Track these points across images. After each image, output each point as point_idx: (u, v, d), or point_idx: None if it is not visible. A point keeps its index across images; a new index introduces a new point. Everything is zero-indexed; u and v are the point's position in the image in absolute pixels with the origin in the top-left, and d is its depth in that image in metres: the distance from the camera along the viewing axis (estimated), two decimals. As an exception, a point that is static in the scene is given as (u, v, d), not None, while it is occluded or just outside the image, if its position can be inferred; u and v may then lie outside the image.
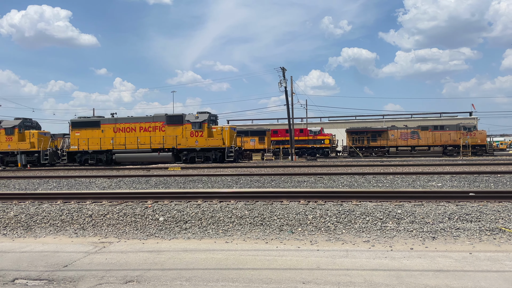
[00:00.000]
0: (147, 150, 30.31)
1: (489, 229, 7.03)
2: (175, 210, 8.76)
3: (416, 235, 6.91)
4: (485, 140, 37.96)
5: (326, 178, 15.02)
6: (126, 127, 31.16)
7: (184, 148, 30.03)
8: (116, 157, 30.82)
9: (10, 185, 16.16)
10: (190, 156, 29.98)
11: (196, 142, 29.76)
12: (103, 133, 31.40)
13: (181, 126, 30.12)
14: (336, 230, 7.37)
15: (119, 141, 30.99)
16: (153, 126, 30.64)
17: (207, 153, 29.78)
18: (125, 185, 15.28)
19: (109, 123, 31.66)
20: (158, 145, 30.26)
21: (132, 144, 30.70)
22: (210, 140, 29.76)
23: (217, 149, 29.66)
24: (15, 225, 8.68)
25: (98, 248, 6.74)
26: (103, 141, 31.20)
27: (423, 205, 8.39)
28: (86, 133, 31.64)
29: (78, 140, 31.62)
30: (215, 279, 4.94)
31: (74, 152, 31.85)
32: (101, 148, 31.26)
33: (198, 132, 29.80)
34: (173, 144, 30.05)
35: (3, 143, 32.65)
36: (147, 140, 30.45)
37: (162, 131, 30.43)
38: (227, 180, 15.31)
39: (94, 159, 31.34)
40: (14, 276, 5.27)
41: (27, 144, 32.28)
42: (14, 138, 32.46)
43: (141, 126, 30.83)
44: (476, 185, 12.71)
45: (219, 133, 29.74)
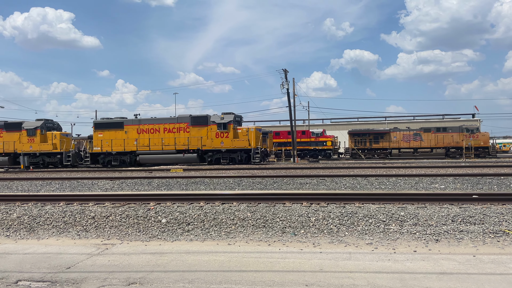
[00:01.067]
0: (172, 152, 30.02)
1: (493, 231, 7.00)
2: (177, 212, 8.76)
3: (420, 238, 6.88)
4: (488, 142, 37.84)
5: (328, 180, 14.99)
6: (150, 128, 30.89)
7: (209, 149, 29.72)
8: (140, 158, 30.54)
9: (13, 187, 16.20)
10: (215, 157, 29.72)
11: (222, 143, 29.46)
12: (127, 134, 31.14)
13: (206, 127, 29.84)
14: (339, 232, 7.36)
15: (143, 142, 30.75)
16: (177, 127, 30.38)
17: (232, 154, 29.50)
18: (128, 187, 15.29)
19: (133, 124, 31.34)
20: (182, 146, 29.98)
21: (156, 146, 30.42)
22: (236, 141, 29.47)
23: (242, 150, 29.40)
24: (18, 226, 8.70)
25: (100, 250, 6.75)
26: (127, 142, 30.96)
27: (426, 207, 8.36)
28: (109, 134, 31.37)
29: (102, 142, 31.38)
30: (218, 281, 4.93)
31: (97, 153, 31.62)
32: (124, 149, 30.96)
33: (223, 133, 29.52)
34: (198, 145, 29.76)
35: (24, 145, 32.28)
36: (171, 141, 30.15)
37: (186, 132, 30.14)
38: (229, 182, 15.30)
39: (117, 160, 31.14)
40: (17, 278, 5.28)
41: (49, 145, 32.02)
42: (36, 140, 32.17)
43: (165, 127, 30.59)
44: (480, 187, 12.66)
45: (245, 134, 29.47)
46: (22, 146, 32.24)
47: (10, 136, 32.61)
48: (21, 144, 32.30)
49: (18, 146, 32.28)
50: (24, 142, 32.27)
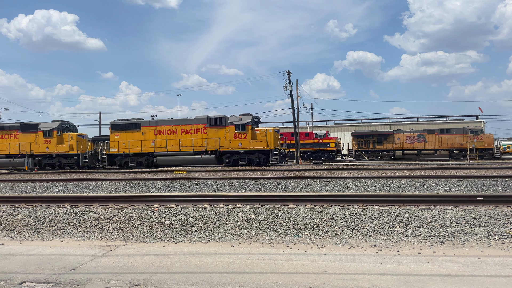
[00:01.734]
0: (190, 153, 29.87)
1: (498, 233, 6.97)
2: (181, 213, 8.77)
3: (424, 240, 6.86)
4: (492, 143, 37.70)
5: (332, 182, 14.97)
6: (167, 129, 30.73)
7: (227, 151, 29.50)
8: (158, 159, 30.38)
9: (17, 188, 16.28)
10: (233, 158, 29.56)
11: (240, 144, 29.27)
12: (144, 135, 30.92)
13: (224, 128, 29.65)
14: (342, 234, 7.34)
15: (160, 143, 30.61)
16: (194, 128, 30.19)
17: (250, 156, 29.25)
18: (132, 188, 15.33)
19: (150, 125, 31.15)
20: (200, 147, 29.82)
21: (174, 147, 30.24)
22: (254, 142, 29.18)
23: (261, 152, 29.21)
24: (22, 228, 8.74)
25: (105, 251, 6.76)
26: (144, 143, 30.76)
27: (430, 209, 8.33)
28: (126, 136, 31.16)
29: (119, 143, 31.12)
30: (222, 283, 4.93)
31: (114, 154, 31.50)
32: (142, 150, 30.79)
33: (241, 134, 29.28)
34: (216, 146, 29.55)
35: (41, 146, 31.91)
36: (188, 142, 30.01)
37: (204, 133, 29.91)
38: (233, 184, 15.30)
39: (134, 162, 31.01)
40: (21, 279, 5.30)
41: (65, 147, 31.67)
42: (53, 141, 31.80)
43: (182, 128, 30.42)
44: (484, 189, 12.60)
45: (263, 135, 29.18)
46: (39, 147, 31.92)
47: (26, 138, 32.22)
48: (37, 145, 31.97)
49: (34, 147, 31.93)
50: (40, 144, 31.94)
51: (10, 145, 32.40)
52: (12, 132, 32.75)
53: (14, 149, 32.26)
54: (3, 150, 32.52)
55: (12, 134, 32.68)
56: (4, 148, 32.55)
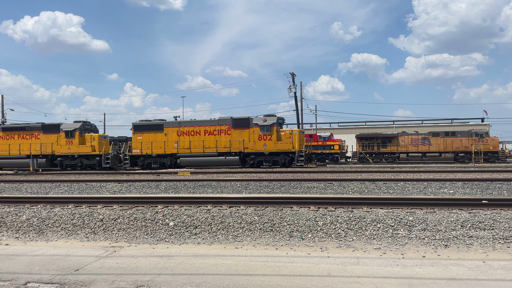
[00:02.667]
0: (213, 154, 29.72)
1: (503, 237, 6.92)
2: (185, 215, 8.78)
3: (428, 243, 6.83)
4: (498, 146, 37.46)
5: (336, 184, 14.94)
6: (190, 130, 30.61)
7: (252, 152, 29.32)
8: (181, 161, 30.25)
9: (22, 189, 16.36)
10: (258, 160, 29.35)
11: (265, 146, 29.03)
12: (166, 136, 30.85)
13: (248, 130, 29.44)
14: (346, 237, 7.32)
15: (183, 144, 30.47)
16: (218, 129, 30.00)
17: (275, 157, 29.06)
18: (135, 189, 15.37)
19: (173, 126, 31.09)
20: (223, 148, 29.65)
21: (197, 148, 30.16)
22: (279, 144, 28.92)
23: (286, 153, 28.95)
24: (27, 228, 8.78)
25: (109, 252, 6.78)
26: (167, 144, 30.66)
27: (435, 212, 8.30)
28: (148, 137, 31.08)
29: (141, 144, 31.07)
30: (225, 285, 4.93)
31: (136, 155, 31.39)
32: (165, 152, 30.68)
33: (266, 136, 29.01)
34: (240, 147, 29.40)
35: (63, 147, 31.78)
36: (212, 143, 29.86)
37: (227, 134, 29.78)
38: (237, 186, 15.31)
39: (157, 163, 30.88)
40: (26, 280, 5.33)
41: (88, 147, 31.54)
42: (75, 142, 31.65)
43: (205, 129, 30.26)
44: (489, 192, 12.53)
45: (288, 137, 28.98)
46: (60, 148, 31.75)
47: (48, 138, 32.15)
48: (59, 146, 31.83)
49: (56, 148, 31.88)
50: (62, 144, 31.74)
51: (32, 145, 32.25)
52: (33, 132, 32.60)
53: (35, 149, 32.12)
54: (24, 151, 32.39)
55: (33, 134, 32.55)
56: (25, 149, 32.42)
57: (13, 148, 32.66)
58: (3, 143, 33.07)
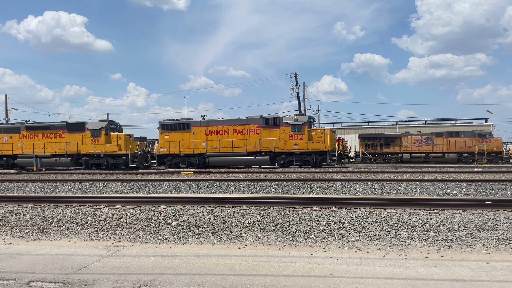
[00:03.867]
0: (243, 154, 29.17)
1: (506, 238, 6.90)
2: (188, 215, 8.79)
3: (431, 244, 6.81)
4: (501, 147, 37.29)
5: (339, 185, 14.92)
6: (218, 129, 30.06)
7: (282, 152, 28.69)
8: (210, 160, 29.75)
9: (26, 188, 16.43)
10: (288, 160, 28.72)
11: (296, 145, 28.37)
12: (194, 135, 30.31)
13: (278, 129, 28.81)
14: (349, 237, 7.31)
15: (212, 144, 29.95)
16: (247, 128, 29.44)
17: (306, 157, 28.37)
18: (139, 189, 15.41)
19: (201, 125, 30.50)
20: (253, 148, 29.03)
21: (225, 147, 29.59)
22: (311, 143, 28.24)
23: (317, 153, 28.41)
24: (31, 228, 8.82)
25: (112, 251, 6.80)
26: (195, 144, 30.12)
27: (438, 213, 8.28)
28: (176, 136, 30.56)
29: (169, 143, 30.48)
30: (228, 284, 4.93)
31: (164, 155, 30.84)
32: (193, 151, 30.12)
33: (297, 135, 28.36)
34: (270, 147, 28.80)
35: (88, 146, 31.08)
36: (241, 143, 29.30)
37: (257, 133, 29.19)
38: (239, 186, 15.32)
39: (185, 162, 30.29)
40: (29, 279, 5.35)
41: (114, 146, 30.81)
42: (101, 141, 30.95)
43: (234, 128, 29.69)
44: (493, 193, 12.49)
45: (319, 136, 28.26)
46: (86, 147, 31.08)
47: (72, 137, 31.49)
48: (84, 145, 31.17)
49: (81, 147, 31.22)
50: (87, 143, 31.07)
51: (56, 144, 31.77)
52: (58, 131, 32.13)
53: (60, 148, 31.66)
54: (48, 150, 31.91)
55: (57, 133, 32.09)
56: (49, 148, 31.90)
57: (37, 147, 32.19)
58: (27, 142, 32.61)
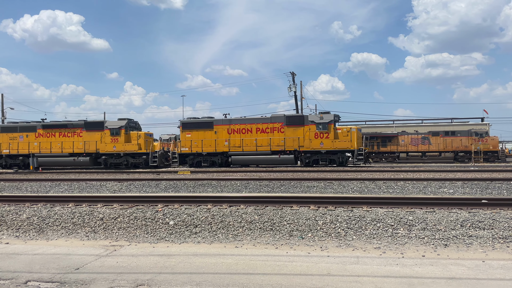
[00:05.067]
0: (267, 152, 28.81)
1: (502, 237, 6.94)
2: (185, 214, 8.79)
3: (428, 242, 6.84)
4: (497, 146, 37.46)
5: (336, 184, 14.95)
6: (241, 128, 29.69)
7: (307, 151, 28.39)
8: (233, 159, 29.44)
9: (22, 188, 16.37)
10: (313, 158, 28.48)
11: (321, 144, 28.03)
12: (216, 134, 29.96)
13: (302, 127, 28.49)
14: (346, 236, 7.33)
15: (234, 142, 29.61)
16: (271, 127, 29.07)
17: (332, 156, 28.13)
18: (136, 188, 15.38)
19: (223, 124, 30.13)
20: (277, 147, 28.72)
21: (248, 146, 29.26)
22: (337, 142, 27.97)
23: (343, 152, 28.11)
24: (27, 227, 8.79)
25: (109, 251, 6.79)
26: (217, 142, 29.83)
27: (435, 212, 8.31)
28: (197, 135, 30.18)
29: (191, 142, 30.15)
30: (225, 283, 4.94)
31: (186, 154, 30.46)
32: (216, 150, 29.80)
33: (323, 134, 28.02)
34: (294, 146, 28.48)
35: (107, 145, 30.61)
36: (265, 142, 28.95)
37: (281, 132, 28.84)
38: (237, 185, 15.32)
39: (207, 161, 30.05)
40: (26, 278, 5.34)
41: (134, 145, 30.41)
42: (120, 139, 30.47)
43: (257, 127, 29.35)
44: (489, 192, 12.55)
45: (345, 135, 27.92)
46: (105, 146, 30.65)
47: (91, 136, 31.07)
48: (103, 144, 30.72)
49: (100, 146, 30.76)
50: (107, 142, 30.62)
51: (74, 143, 31.20)
52: (76, 130, 31.54)
53: (78, 147, 31.12)
54: (66, 149, 31.31)
55: (75, 132, 31.52)
56: (67, 147, 31.21)
57: (54, 146, 31.57)
58: (43, 141, 31.96)
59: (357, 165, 27.97)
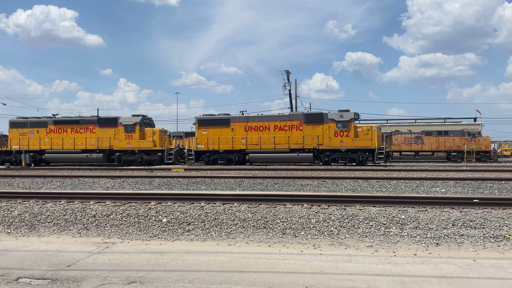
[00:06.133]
0: (285, 151, 28.48)
1: (493, 236, 7.00)
2: (178, 211, 8.77)
3: (420, 241, 6.89)
4: (490, 146, 37.77)
5: (329, 182, 14.99)
6: (259, 125, 29.31)
7: (327, 149, 28.04)
8: (251, 157, 29.10)
9: (14, 184, 16.24)
10: (332, 157, 28.13)
11: (341, 142, 27.71)
12: (233, 131, 29.57)
13: (322, 125, 28.13)
14: (339, 234, 7.36)
15: (252, 140, 29.19)
16: (289, 125, 28.72)
17: (352, 154, 27.81)
18: (129, 185, 15.32)
19: (240, 121, 29.79)
20: (295, 145, 28.30)
21: (266, 144, 28.83)
22: (357, 140, 27.61)
23: (363, 150, 27.68)
24: (19, 224, 8.72)
25: (101, 248, 6.76)
26: (234, 140, 29.41)
27: (427, 211, 8.37)
28: (214, 132, 29.81)
29: (207, 139, 29.76)
30: (218, 281, 4.94)
31: (202, 151, 30.04)
32: (233, 147, 29.38)
33: (343, 132, 27.69)
34: (313, 144, 28.09)
35: (122, 141, 30.15)
36: (283, 139, 28.59)
37: (299, 130, 28.44)
38: (230, 183, 15.31)
39: (224, 159, 29.58)
40: (17, 275, 5.30)
41: (149, 142, 30.01)
42: (135, 136, 30.06)
43: (275, 124, 29.00)
44: (480, 191, 12.65)
45: (366, 133, 27.56)
46: (119, 142, 30.19)
47: (104, 132, 30.62)
48: (117, 140, 30.29)
49: (114, 142, 30.32)
50: (121, 139, 30.17)
51: (87, 139, 30.71)
52: (88, 126, 31.01)
53: (91, 144, 30.61)
54: (78, 145, 30.76)
55: (88, 128, 30.99)
56: (79, 143, 30.79)
57: (66, 142, 31.00)
58: (55, 137, 31.32)
59: (376, 164, 27.62)
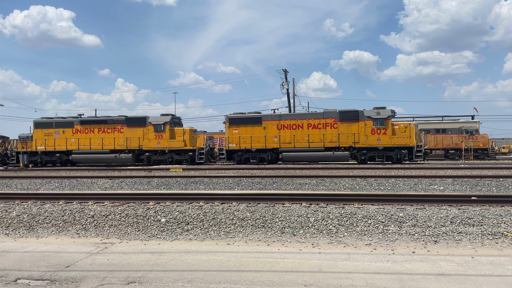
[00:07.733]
0: (320, 149, 28.04)
1: (491, 233, 7.02)
2: (177, 211, 8.77)
3: (418, 239, 6.90)
4: (487, 144, 37.86)
5: (327, 181, 15.01)
6: (291, 124, 28.85)
7: (364, 147, 27.63)
8: (284, 156, 28.64)
9: (12, 185, 16.20)
10: (369, 155, 27.74)
11: (378, 140, 27.32)
12: (265, 130, 29.09)
13: (357, 123, 27.74)
14: (338, 233, 7.37)
15: (284, 138, 28.77)
16: (323, 123, 28.25)
17: (389, 153, 27.39)
18: (127, 186, 15.30)
19: (272, 119, 29.37)
20: (330, 143, 27.96)
21: (299, 142, 28.41)
22: (395, 138, 27.17)
23: (400, 148, 27.21)
24: (17, 225, 8.71)
25: (100, 248, 6.75)
26: (267, 138, 28.95)
27: (425, 209, 8.39)
28: (245, 130, 29.31)
29: (239, 138, 29.23)
30: (217, 280, 4.94)
31: (233, 150, 29.56)
32: (265, 146, 28.96)
33: (380, 130, 27.29)
34: (349, 142, 27.74)
35: (151, 141, 29.81)
36: (317, 138, 28.14)
37: (334, 128, 28.05)
38: (229, 182, 15.31)
39: (256, 158, 29.10)
40: (16, 276, 5.29)
41: (179, 142, 29.59)
42: (165, 136, 29.66)
43: (309, 123, 28.51)
44: (478, 189, 12.68)
45: (403, 131, 27.22)
46: (149, 142, 29.85)
47: (133, 132, 30.27)
48: (146, 140, 29.96)
49: (143, 142, 29.99)
50: (150, 139, 29.82)
51: (116, 139, 30.29)
52: (116, 126, 30.61)
53: (119, 144, 30.17)
54: (106, 145, 30.41)
55: (116, 128, 30.58)
56: (107, 143, 30.44)
57: (94, 142, 30.69)
58: (82, 137, 31.13)
59: (414, 162, 27.32)
